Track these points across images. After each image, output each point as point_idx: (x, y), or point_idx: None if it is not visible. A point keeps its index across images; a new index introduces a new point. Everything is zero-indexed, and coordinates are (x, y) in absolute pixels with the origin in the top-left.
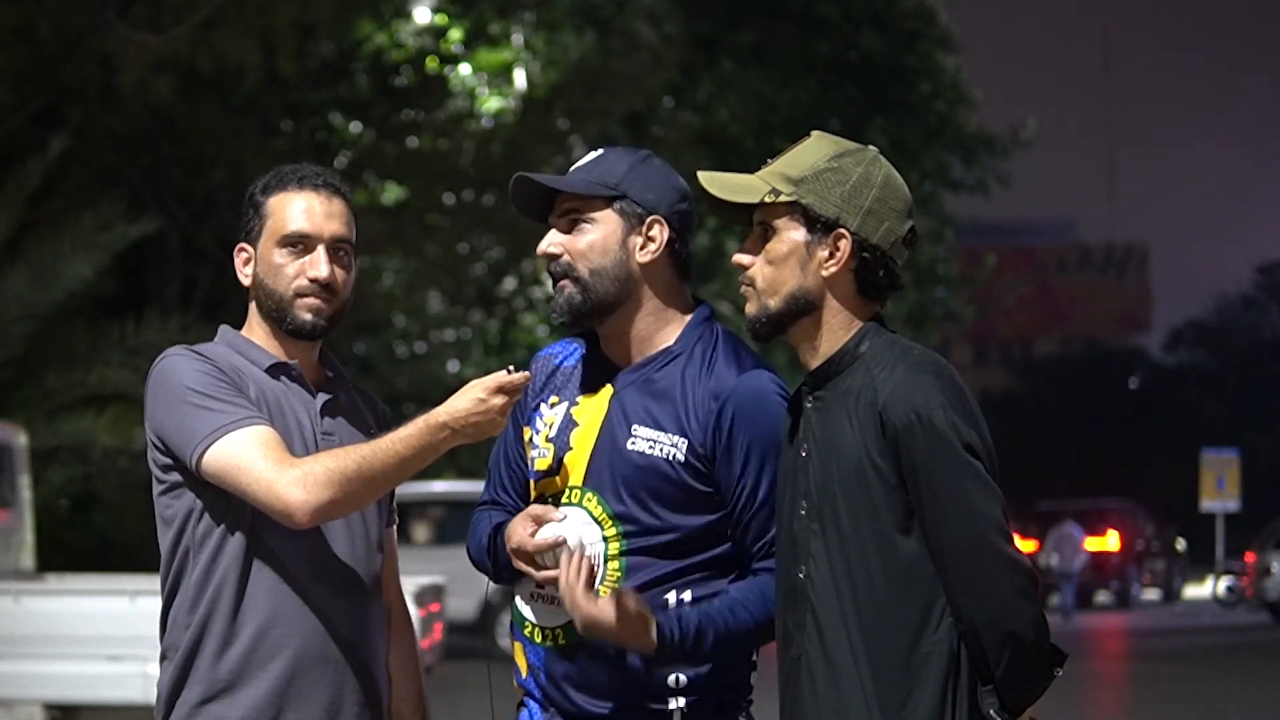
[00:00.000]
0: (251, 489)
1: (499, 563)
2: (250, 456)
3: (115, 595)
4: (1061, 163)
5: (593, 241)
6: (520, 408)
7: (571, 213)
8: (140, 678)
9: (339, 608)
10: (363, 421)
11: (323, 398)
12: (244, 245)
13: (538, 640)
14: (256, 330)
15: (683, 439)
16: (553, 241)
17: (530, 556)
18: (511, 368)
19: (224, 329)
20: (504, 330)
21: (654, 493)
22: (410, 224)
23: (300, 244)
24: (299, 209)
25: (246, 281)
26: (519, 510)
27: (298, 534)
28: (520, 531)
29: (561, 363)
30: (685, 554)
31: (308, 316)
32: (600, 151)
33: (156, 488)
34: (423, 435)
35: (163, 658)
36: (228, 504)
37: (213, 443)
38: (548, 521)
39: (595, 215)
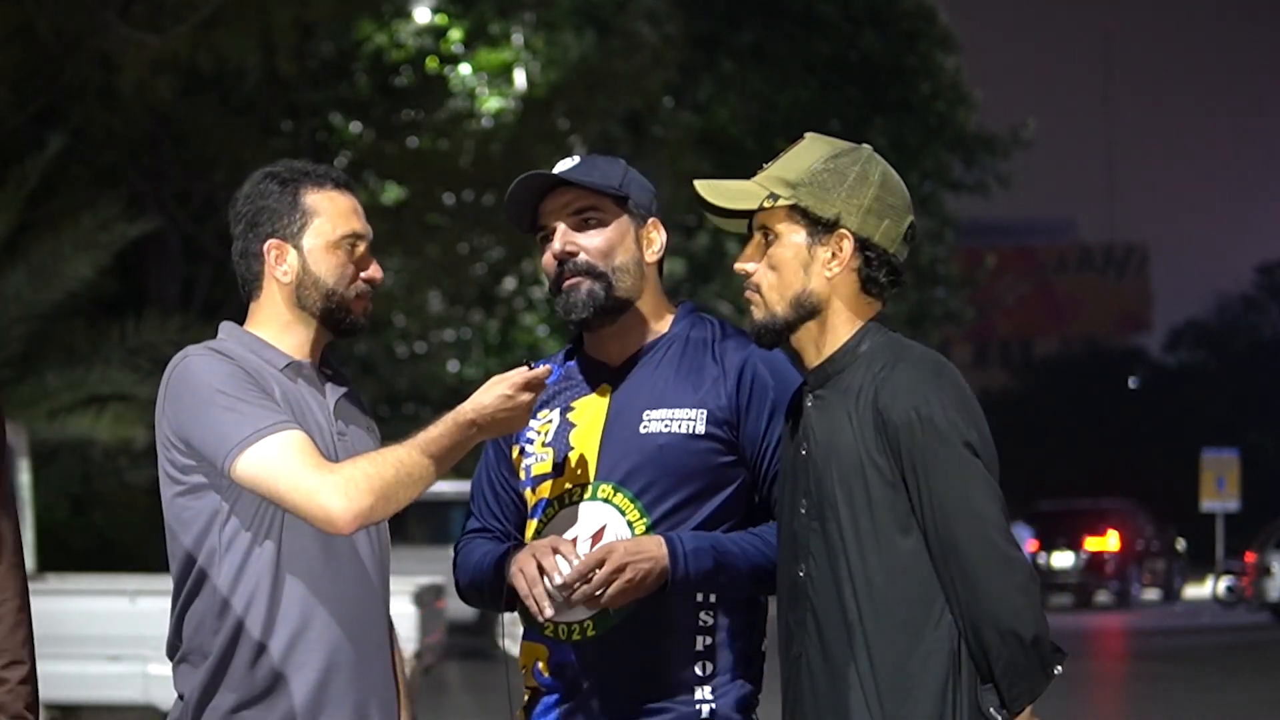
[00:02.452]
0: (290, 497)
1: (507, 591)
2: (288, 463)
3: (115, 595)
4: (1061, 163)
5: (612, 240)
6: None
7: (586, 211)
8: (140, 678)
9: (363, 608)
10: (362, 421)
11: (332, 397)
12: (277, 242)
13: (562, 637)
14: (265, 328)
15: (700, 410)
16: (568, 240)
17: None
18: (531, 363)
19: (229, 326)
20: (504, 330)
21: (677, 470)
22: (410, 224)
23: (353, 244)
24: (348, 208)
25: (285, 279)
26: (507, 532)
27: (324, 536)
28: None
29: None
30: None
31: (362, 318)
32: (577, 158)
33: (172, 488)
34: (452, 435)
35: (182, 661)
36: (257, 508)
37: (247, 448)
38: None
39: (610, 215)
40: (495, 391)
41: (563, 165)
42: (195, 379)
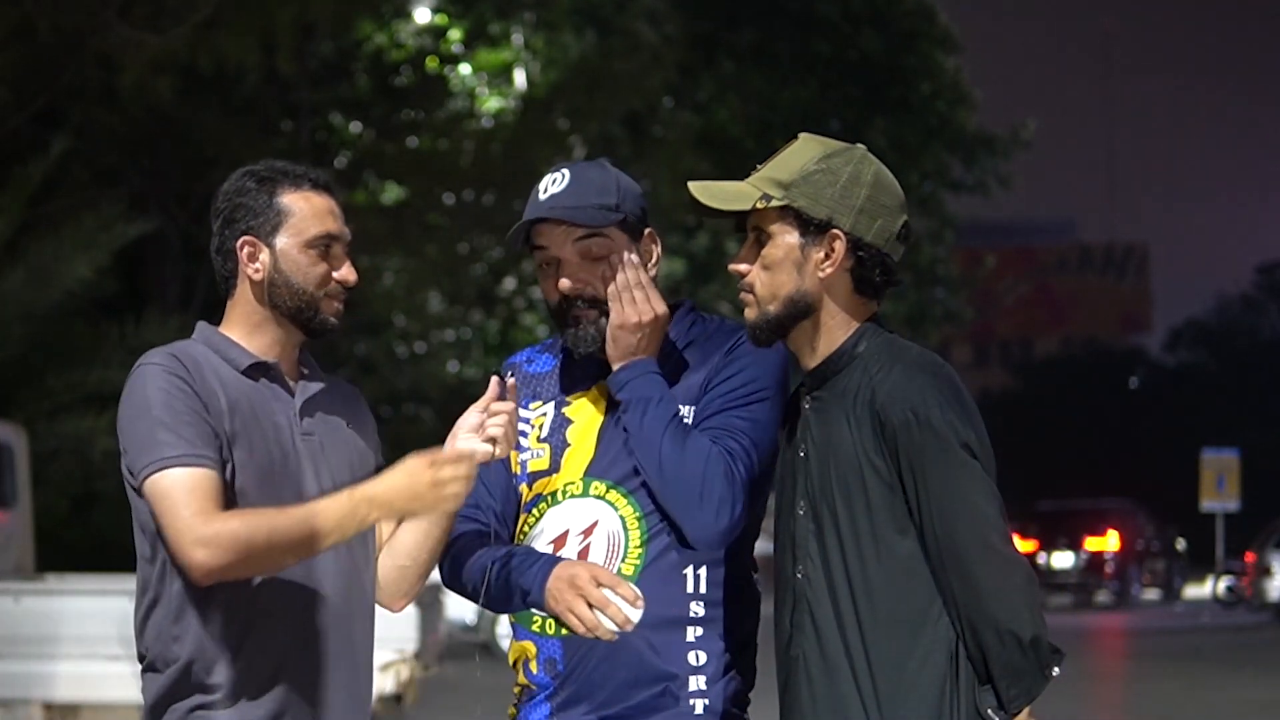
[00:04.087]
0: (165, 532)
1: (492, 593)
2: (175, 500)
3: (115, 595)
4: (1061, 163)
5: (617, 267)
6: None
7: (588, 240)
8: (140, 678)
9: (330, 613)
10: (342, 417)
11: (301, 397)
12: (251, 239)
13: (551, 632)
14: (237, 327)
15: (692, 407)
16: (576, 278)
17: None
18: (497, 374)
19: (202, 326)
20: (504, 330)
21: None
22: (410, 224)
23: (327, 245)
24: (323, 209)
25: (257, 276)
26: (498, 514)
27: None
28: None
29: (534, 369)
30: None
31: (333, 318)
32: (566, 172)
33: (131, 492)
34: (344, 509)
35: (148, 669)
36: None
37: (153, 473)
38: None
39: (611, 242)
40: (405, 466)
41: (551, 185)
42: (138, 390)
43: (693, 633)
